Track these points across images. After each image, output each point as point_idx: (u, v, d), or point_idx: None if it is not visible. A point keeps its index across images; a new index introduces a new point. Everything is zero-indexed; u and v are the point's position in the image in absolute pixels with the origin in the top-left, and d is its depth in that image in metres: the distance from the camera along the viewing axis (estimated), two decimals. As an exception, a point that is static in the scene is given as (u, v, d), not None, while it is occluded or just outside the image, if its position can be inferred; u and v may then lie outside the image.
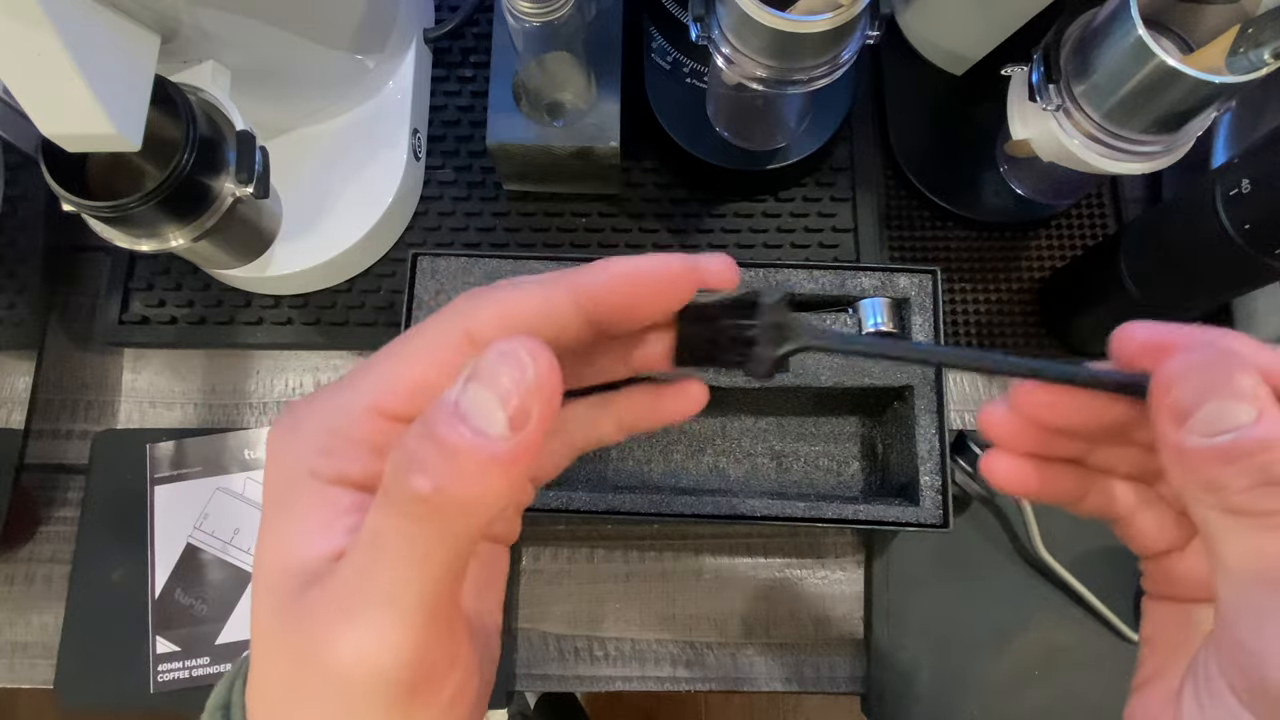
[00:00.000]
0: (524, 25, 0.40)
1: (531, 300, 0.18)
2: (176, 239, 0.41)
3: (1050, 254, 0.53)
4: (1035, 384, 0.20)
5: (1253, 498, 0.16)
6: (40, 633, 0.48)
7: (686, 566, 0.50)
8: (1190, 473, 0.17)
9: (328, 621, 0.16)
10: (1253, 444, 0.16)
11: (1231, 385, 0.16)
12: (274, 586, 0.17)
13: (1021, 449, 0.21)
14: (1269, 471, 0.16)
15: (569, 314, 0.19)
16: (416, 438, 0.15)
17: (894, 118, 0.54)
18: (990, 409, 0.21)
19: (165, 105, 0.38)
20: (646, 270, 0.19)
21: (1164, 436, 0.17)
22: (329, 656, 0.16)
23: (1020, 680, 0.47)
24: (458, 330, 0.18)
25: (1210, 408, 0.16)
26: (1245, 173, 0.35)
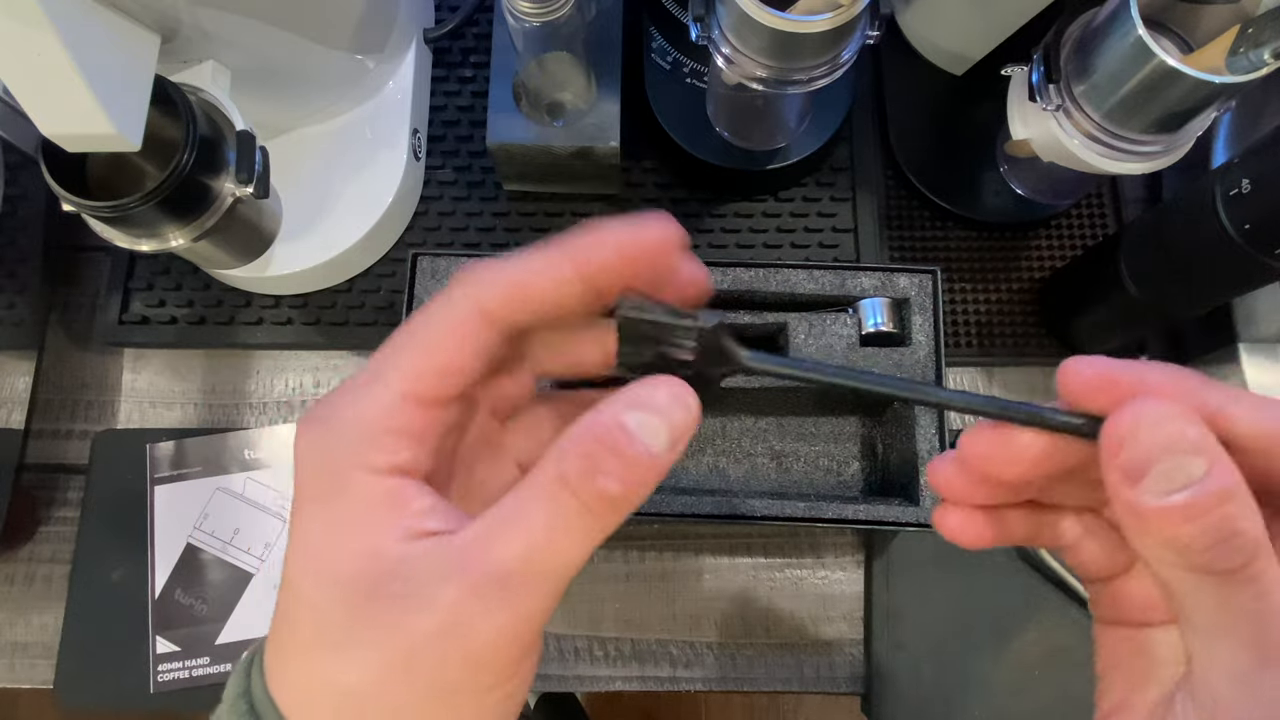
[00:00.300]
0: (524, 25, 0.40)
1: (540, 278, 0.19)
2: (176, 239, 0.41)
3: (1050, 254, 0.53)
4: (981, 439, 0.19)
5: (1214, 555, 0.16)
6: (40, 633, 0.48)
7: (686, 566, 0.50)
8: (1150, 533, 0.16)
9: (458, 599, 0.17)
10: (1209, 499, 0.16)
11: (1182, 439, 0.16)
12: (343, 577, 0.18)
13: (972, 501, 0.21)
14: (1227, 526, 0.16)
15: (574, 288, 0.19)
16: (599, 448, 0.17)
17: (894, 118, 0.54)
18: (938, 464, 0.21)
19: (165, 105, 0.38)
20: (638, 238, 0.20)
21: (1118, 496, 0.17)
22: (461, 631, 0.17)
23: (1020, 680, 0.47)
24: (472, 309, 0.19)
25: (1162, 466, 0.16)
26: (1245, 173, 0.35)
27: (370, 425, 0.19)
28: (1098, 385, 0.18)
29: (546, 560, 0.17)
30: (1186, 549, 0.16)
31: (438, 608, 0.17)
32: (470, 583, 0.17)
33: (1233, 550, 0.16)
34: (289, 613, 0.19)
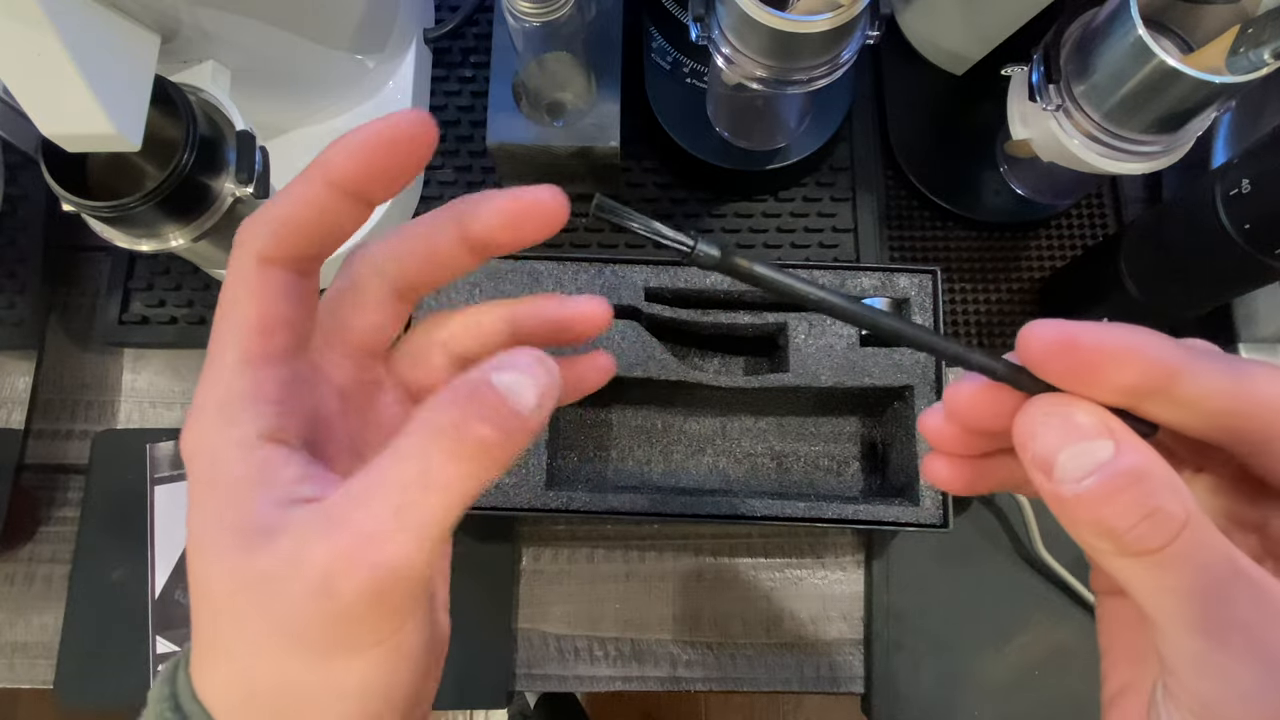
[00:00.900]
0: (524, 25, 0.40)
1: (297, 203, 0.19)
2: (176, 239, 0.41)
3: (1050, 254, 0.53)
4: (962, 392, 0.19)
5: (1140, 534, 0.16)
6: (40, 633, 0.48)
7: (686, 566, 0.50)
8: (1077, 523, 0.16)
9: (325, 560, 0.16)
10: (1120, 478, 0.16)
11: (1081, 426, 0.16)
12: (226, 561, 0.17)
13: (960, 451, 0.21)
14: (1146, 502, 0.16)
15: (333, 200, 0.19)
16: (468, 398, 0.17)
17: (894, 118, 0.54)
18: (928, 415, 0.21)
19: (165, 105, 0.38)
20: (379, 134, 0.20)
21: (1043, 491, 0.17)
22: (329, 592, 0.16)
23: (1020, 680, 0.47)
24: (251, 260, 0.19)
25: (1066, 454, 0.16)
26: (1245, 173, 0.35)
27: (222, 400, 0.18)
28: (1058, 347, 0.17)
29: (416, 516, 0.17)
30: (1111, 532, 0.16)
31: (307, 573, 0.16)
32: (336, 543, 0.16)
33: (1156, 527, 0.15)
34: (195, 607, 0.18)
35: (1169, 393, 0.17)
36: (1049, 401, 0.17)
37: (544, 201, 0.20)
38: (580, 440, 0.49)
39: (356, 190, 0.19)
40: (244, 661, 0.17)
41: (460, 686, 0.46)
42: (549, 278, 0.45)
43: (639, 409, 0.49)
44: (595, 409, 0.50)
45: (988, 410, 0.19)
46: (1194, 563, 0.16)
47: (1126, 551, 0.16)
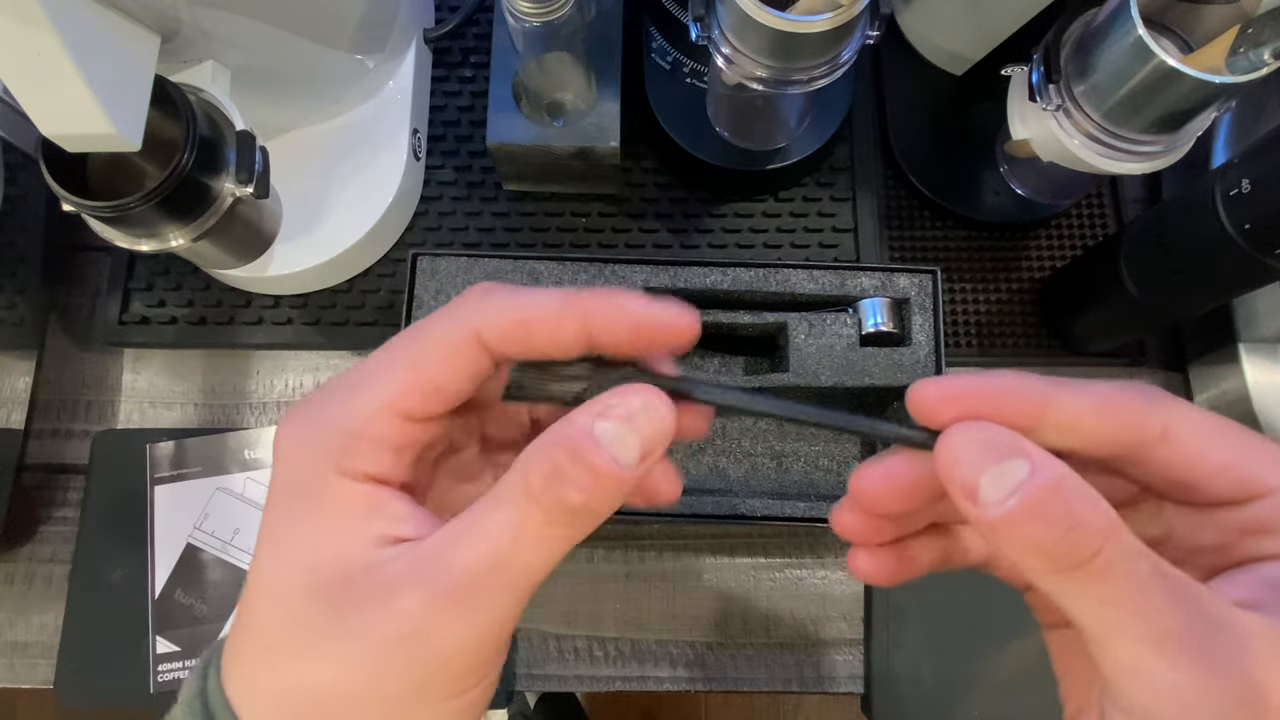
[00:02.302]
0: (524, 25, 0.40)
1: (545, 319, 0.19)
2: (176, 239, 0.41)
3: (1050, 254, 0.53)
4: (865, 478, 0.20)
5: (1067, 547, 0.16)
6: (40, 633, 0.48)
7: (686, 566, 0.50)
8: (1008, 544, 0.16)
9: (422, 606, 0.17)
10: (1041, 492, 0.16)
11: (998, 446, 0.17)
12: (314, 578, 0.18)
13: (878, 540, 0.21)
14: (1069, 515, 0.16)
15: (572, 338, 0.19)
16: (565, 457, 0.17)
17: (894, 118, 0.54)
18: (837, 513, 0.21)
19: (165, 105, 0.38)
20: (656, 318, 0.20)
21: (970, 517, 0.17)
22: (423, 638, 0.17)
23: (1020, 680, 0.47)
24: (469, 333, 0.19)
25: (988, 477, 0.16)
26: (1245, 173, 0.35)
27: (352, 432, 0.19)
28: (944, 402, 0.18)
29: (509, 568, 0.17)
30: (1040, 549, 0.16)
31: (402, 614, 0.17)
32: (433, 590, 0.17)
33: (1082, 538, 0.16)
34: (256, 609, 0.18)
35: (1046, 420, 0.18)
36: (964, 429, 0.17)
37: (677, 324, 0.20)
38: (580, 440, 0.49)
39: (599, 344, 0.20)
40: (307, 680, 0.17)
41: (460, 686, 0.46)
42: (549, 278, 0.45)
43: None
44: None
45: (895, 489, 0.19)
46: (1122, 572, 0.16)
47: (1057, 567, 0.16)
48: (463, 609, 0.17)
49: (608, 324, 0.19)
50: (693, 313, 0.20)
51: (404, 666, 0.17)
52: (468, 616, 0.17)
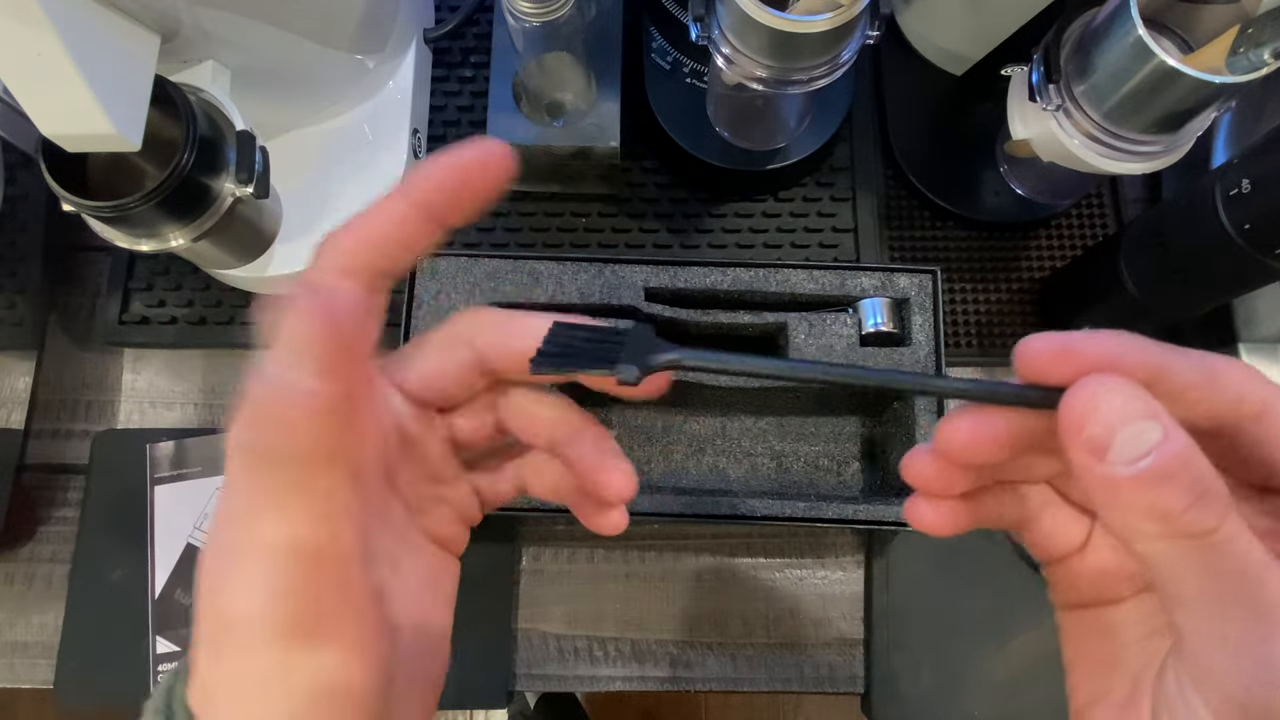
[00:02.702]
0: (524, 25, 0.40)
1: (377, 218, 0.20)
2: (176, 239, 0.41)
3: (1050, 254, 0.53)
4: (960, 426, 0.19)
5: (1193, 517, 0.16)
6: (40, 633, 0.48)
7: (686, 566, 0.50)
8: (1127, 505, 0.16)
9: (219, 575, 0.17)
10: (1175, 460, 0.16)
11: (1136, 408, 0.16)
12: None
13: (946, 492, 0.21)
14: (1200, 484, 0.16)
15: (411, 217, 0.19)
16: (244, 404, 0.16)
17: (894, 118, 0.54)
18: (913, 458, 0.21)
19: (165, 105, 0.38)
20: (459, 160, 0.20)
21: (1090, 474, 0.17)
22: (223, 606, 0.17)
23: (1020, 680, 0.47)
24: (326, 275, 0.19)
25: (1126, 433, 0.16)
26: (1245, 173, 0.35)
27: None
28: (1056, 360, 0.18)
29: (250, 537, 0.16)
30: (1166, 514, 0.16)
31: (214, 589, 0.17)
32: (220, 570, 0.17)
33: (1208, 509, 0.16)
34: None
35: (1156, 389, 0.17)
36: (1099, 383, 0.17)
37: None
38: (580, 440, 0.49)
39: (434, 212, 0.20)
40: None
41: (460, 686, 0.46)
42: (549, 278, 0.45)
43: (639, 409, 0.49)
44: (595, 409, 0.50)
45: (988, 440, 0.19)
46: (1236, 546, 0.16)
47: (1178, 533, 0.16)
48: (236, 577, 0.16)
49: (424, 185, 0.20)
50: (487, 141, 0.21)
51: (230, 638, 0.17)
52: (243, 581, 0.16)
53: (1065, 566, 0.22)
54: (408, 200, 0.19)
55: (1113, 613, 0.21)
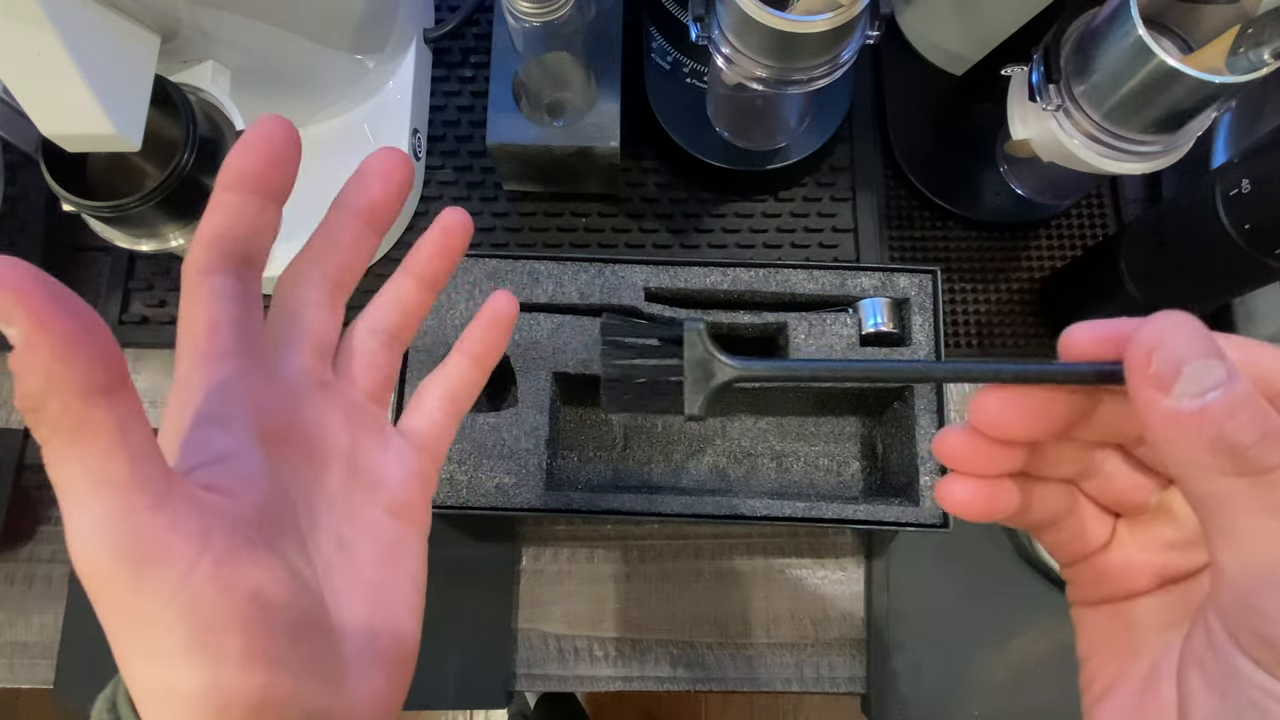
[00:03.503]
0: (524, 25, 0.40)
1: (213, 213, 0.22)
2: (176, 239, 0.41)
3: (1050, 254, 0.53)
4: (997, 391, 0.20)
5: (1260, 451, 0.16)
6: (40, 633, 0.48)
7: (686, 566, 0.50)
8: (1193, 438, 0.16)
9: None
10: (1242, 396, 0.16)
11: (1203, 344, 0.17)
12: None
13: (978, 469, 0.21)
14: (1265, 420, 0.16)
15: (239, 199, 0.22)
16: None
17: (894, 118, 0.54)
18: (947, 433, 0.21)
19: (165, 105, 0.38)
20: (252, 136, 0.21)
21: (1154, 407, 0.17)
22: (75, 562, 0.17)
23: (1020, 680, 0.47)
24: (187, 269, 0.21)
25: (1193, 367, 0.16)
26: (1245, 173, 0.35)
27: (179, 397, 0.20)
28: (1102, 344, 0.19)
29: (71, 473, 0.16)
30: (1233, 449, 0.16)
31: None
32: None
33: (1272, 447, 0.16)
34: None
35: None
36: (1169, 319, 0.17)
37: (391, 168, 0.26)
38: (580, 440, 0.49)
39: (256, 185, 0.21)
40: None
41: (460, 686, 0.46)
42: (549, 278, 0.45)
43: (639, 409, 0.49)
44: (595, 409, 0.50)
45: (1022, 409, 0.19)
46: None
47: (1244, 469, 0.16)
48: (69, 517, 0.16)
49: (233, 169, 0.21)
50: (273, 119, 0.22)
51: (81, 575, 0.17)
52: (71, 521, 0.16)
53: (1088, 564, 0.22)
54: (224, 185, 0.21)
55: (1133, 606, 0.21)
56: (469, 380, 0.27)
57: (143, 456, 0.16)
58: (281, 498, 0.20)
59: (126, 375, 0.16)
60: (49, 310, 0.14)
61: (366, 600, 0.22)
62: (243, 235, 0.21)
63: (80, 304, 0.15)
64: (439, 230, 0.26)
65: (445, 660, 0.46)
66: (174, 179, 0.38)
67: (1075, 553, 0.22)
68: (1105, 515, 0.22)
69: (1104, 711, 0.21)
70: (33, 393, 0.15)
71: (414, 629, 0.23)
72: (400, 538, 0.24)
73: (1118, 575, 0.21)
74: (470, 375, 0.27)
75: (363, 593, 0.22)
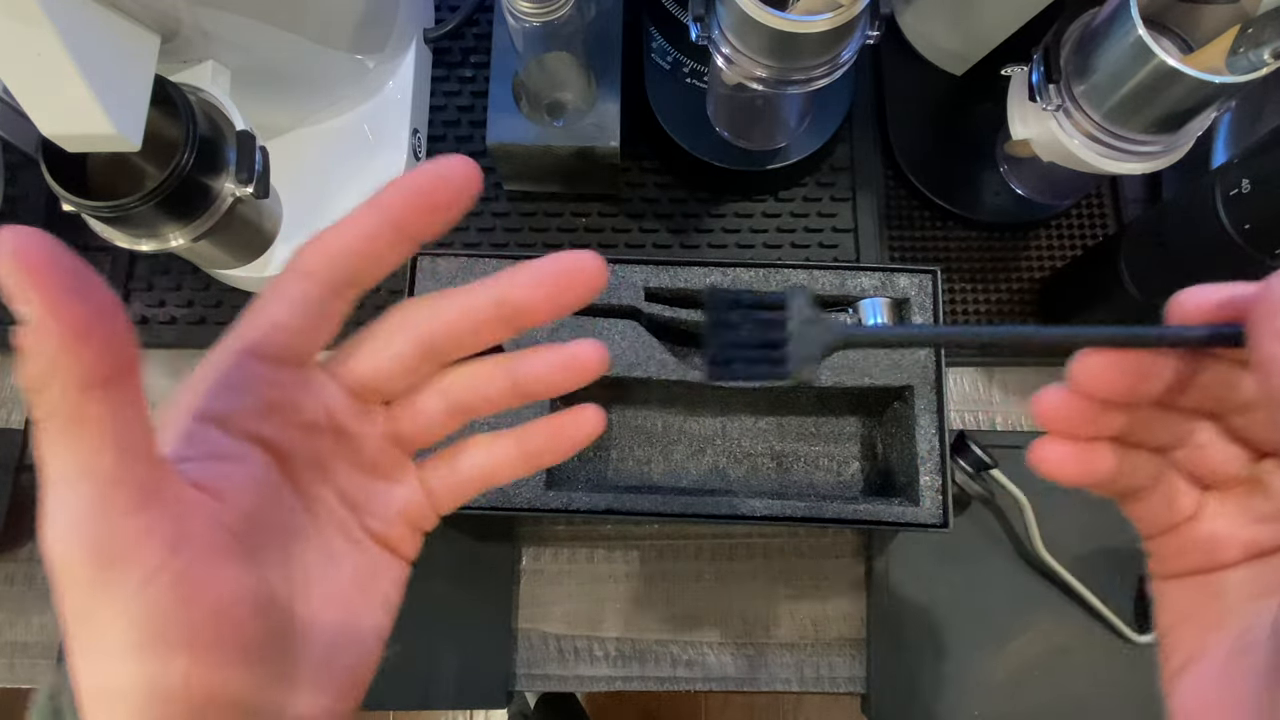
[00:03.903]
0: (524, 25, 0.40)
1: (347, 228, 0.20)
2: (176, 239, 0.41)
3: (1050, 254, 0.53)
4: (1098, 358, 0.20)
5: None
6: (40, 633, 0.48)
7: (686, 566, 0.50)
8: None
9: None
10: None
11: None
12: None
13: (1074, 431, 0.21)
14: None
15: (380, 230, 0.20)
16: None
17: (894, 118, 0.54)
18: (1046, 393, 0.21)
19: (165, 105, 0.38)
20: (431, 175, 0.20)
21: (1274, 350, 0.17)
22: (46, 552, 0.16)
23: (1020, 680, 0.47)
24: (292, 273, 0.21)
25: None
26: (1245, 173, 0.35)
27: (197, 375, 0.20)
28: (1219, 308, 0.19)
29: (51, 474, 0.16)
30: None
31: None
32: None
33: None
34: None
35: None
36: None
37: (585, 267, 0.21)
38: (580, 440, 0.49)
39: (402, 225, 0.20)
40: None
41: (460, 686, 0.46)
42: (549, 278, 0.45)
43: (639, 409, 0.49)
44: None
45: (1117, 370, 0.20)
46: None
47: None
48: (46, 515, 0.16)
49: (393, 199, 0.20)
50: (458, 159, 0.20)
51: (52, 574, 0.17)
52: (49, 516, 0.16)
53: (1174, 535, 0.22)
54: (379, 215, 0.20)
55: (1221, 578, 0.21)
56: (513, 471, 0.24)
57: (132, 452, 0.16)
58: (273, 504, 0.20)
59: (134, 364, 0.16)
60: (63, 296, 0.14)
61: (338, 617, 0.22)
62: (366, 263, 0.21)
63: (97, 286, 0.15)
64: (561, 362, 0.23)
65: (445, 660, 0.46)
66: (174, 179, 0.38)
67: (1161, 524, 0.22)
68: (1193, 487, 0.22)
69: (1188, 682, 0.21)
70: (35, 375, 0.15)
71: (375, 652, 0.23)
72: (387, 564, 0.24)
73: (1205, 547, 0.21)
74: (516, 468, 0.25)
75: (336, 610, 0.22)
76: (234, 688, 0.18)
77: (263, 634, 0.19)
